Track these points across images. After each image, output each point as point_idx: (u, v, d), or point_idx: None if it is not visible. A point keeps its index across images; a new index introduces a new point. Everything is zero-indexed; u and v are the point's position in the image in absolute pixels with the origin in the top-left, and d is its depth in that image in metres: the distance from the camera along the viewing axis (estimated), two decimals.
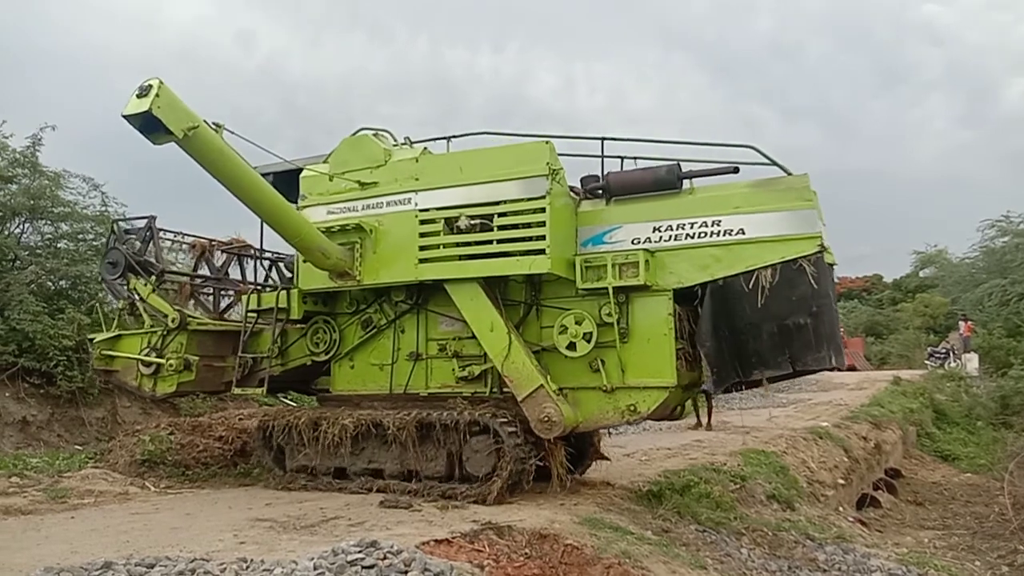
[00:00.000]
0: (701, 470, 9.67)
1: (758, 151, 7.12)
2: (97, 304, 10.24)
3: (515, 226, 7.25)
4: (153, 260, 9.29)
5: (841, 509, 11.67)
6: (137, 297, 9.12)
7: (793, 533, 8.33)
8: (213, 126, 6.55)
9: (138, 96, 6.03)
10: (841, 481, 12.82)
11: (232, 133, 6.73)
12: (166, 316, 8.85)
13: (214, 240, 10.05)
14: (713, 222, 7.00)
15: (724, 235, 6.95)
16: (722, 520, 8.06)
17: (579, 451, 8.41)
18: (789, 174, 7.06)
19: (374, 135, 8.31)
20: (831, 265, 7.04)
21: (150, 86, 6.03)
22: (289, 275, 9.84)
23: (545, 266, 7.07)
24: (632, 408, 7.11)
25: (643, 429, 15.49)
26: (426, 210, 7.62)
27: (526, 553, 5.71)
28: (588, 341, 7.18)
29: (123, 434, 10.40)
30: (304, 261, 7.99)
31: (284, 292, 8.49)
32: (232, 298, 9.97)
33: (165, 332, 8.88)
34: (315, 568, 4.12)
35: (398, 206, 7.78)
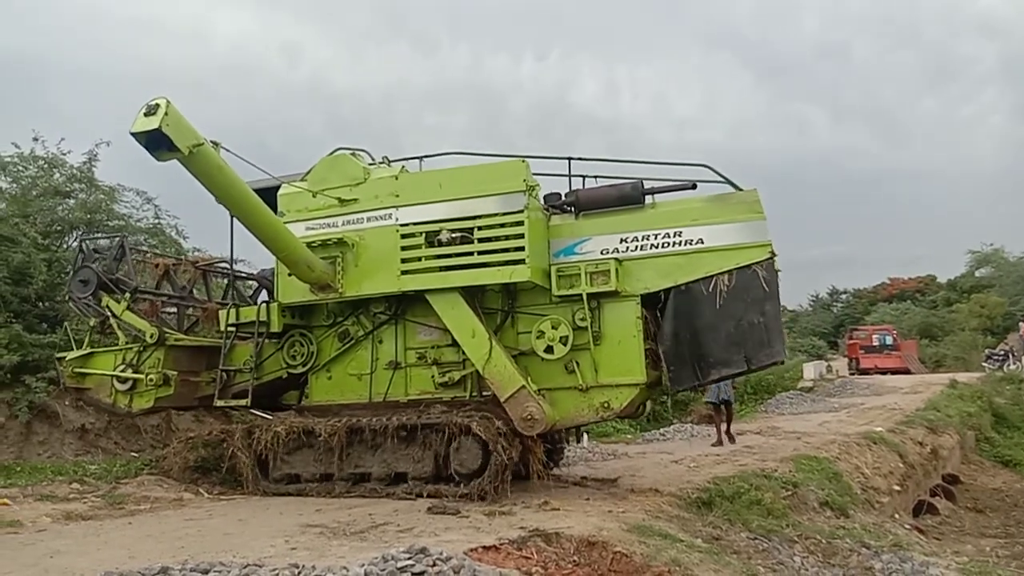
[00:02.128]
0: (751, 476, 9.53)
1: (712, 169, 7.83)
2: (66, 323, 10.26)
3: (494, 238, 7.77)
4: (125, 278, 9.37)
5: (897, 516, 11.39)
6: (110, 314, 9.16)
7: (848, 541, 8.14)
8: (211, 144, 6.81)
9: (145, 114, 6.27)
10: (896, 487, 12.51)
11: (227, 151, 7.05)
12: (143, 332, 8.97)
13: (179, 259, 10.44)
14: (675, 233, 7.72)
15: (685, 244, 7.68)
16: (774, 527, 7.91)
17: (550, 450, 9.17)
18: (740, 190, 7.79)
19: (352, 154, 8.63)
20: (777, 271, 7.70)
21: (157, 105, 6.25)
22: (251, 293, 10.36)
23: (525, 275, 7.58)
24: (606, 405, 7.68)
25: (691, 435, 15.35)
26: (407, 225, 8.05)
27: (574, 560, 5.68)
28: (564, 344, 7.74)
29: (177, 441, 10.60)
30: (289, 275, 8.26)
31: (264, 306, 8.73)
32: (197, 316, 10.07)
33: (142, 348, 9.00)
34: (366, 574, 4.16)
35: (379, 221, 8.19)
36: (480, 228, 7.78)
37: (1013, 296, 46.61)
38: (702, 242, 7.63)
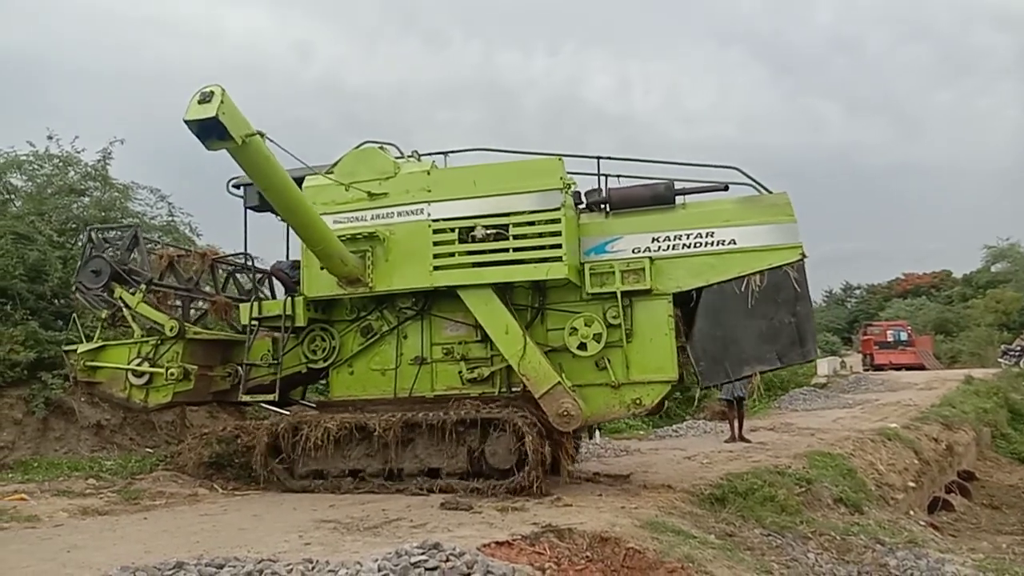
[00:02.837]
0: (765, 473, 9.50)
1: (741, 171, 7.93)
2: (74, 315, 9.85)
3: (530, 235, 7.80)
4: (139, 269, 9.16)
5: (912, 513, 11.33)
6: (124, 306, 8.95)
7: (862, 537, 8.10)
8: (258, 134, 6.68)
9: (199, 102, 6.13)
10: (911, 484, 12.45)
11: (272, 142, 6.89)
12: (162, 325, 8.79)
13: (187, 250, 10.30)
14: (707, 233, 7.84)
15: (717, 245, 7.81)
16: (788, 524, 7.89)
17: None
18: (769, 192, 7.91)
19: (380, 148, 8.52)
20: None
21: (212, 92, 6.12)
22: (249, 287, 10.15)
23: (562, 272, 7.64)
24: (637, 401, 7.81)
25: (704, 432, 15.32)
26: (439, 220, 8.01)
27: (587, 556, 5.67)
28: (598, 342, 7.80)
29: (191, 437, 10.67)
30: (321, 268, 8.12)
31: (289, 300, 8.61)
32: (204, 309, 9.88)
33: (159, 341, 8.82)
34: (379, 569, 4.17)
35: (410, 216, 8.13)
36: (515, 225, 7.81)
37: None
38: (734, 243, 7.77)
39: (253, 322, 8.82)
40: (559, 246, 7.65)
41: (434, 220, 8.01)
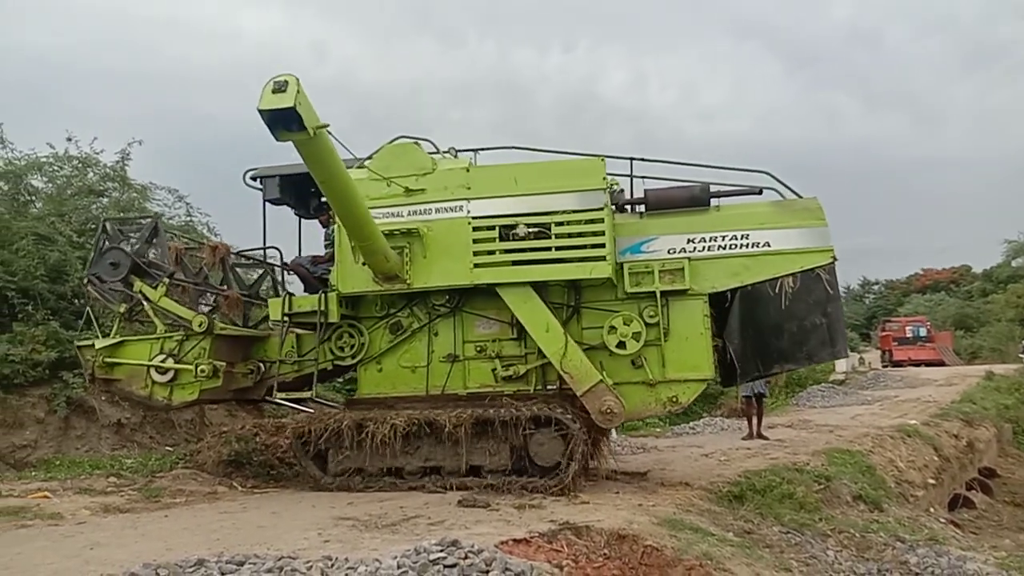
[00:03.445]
0: (783, 470, 9.46)
1: (772, 176, 8.14)
2: (88, 309, 9.44)
3: (572, 235, 7.86)
4: (159, 261, 8.88)
5: (932, 510, 11.23)
6: (144, 300, 8.67)
7: (882, 535, 8.05)
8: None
9: (273, 91, 5.93)
10: (931, 481, 12.34)
11: (330, 135, 6.71)
12: (188, 320, 8.52)
13: (200, 243, 10.11)
14: (742, 236, 7.98)
15: (752, 247, 7.97)
16: (806, 521, 7.85)
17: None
18: (800, 197, 8.14)
19: (415, 143, 8.44)
20: None
21: (286, 82, 5.93)
22: (251, 283, 9.91)
23: (606, 271, 7.76)
24: (674, 399, 7.94)
25: (721, 429, 15.26)
26: (479, 217, 7.99)
27: (605, 553, 5.66)
28: (637, 340, 7.85)
29: (210, 435, 10.77)
30: (363, 264, 8.01)
31: (322, 295, 8.44)
32: (215, 304, 9.46)
33: (184, 337, 8.57)
34: (399, 567, 4.19)
35: (448, 213, 8.06)
36: (557, 224, 7.87)
37: None
38: (768, 245, 7.95)
39: (282, 318, 8.62)
40: (603, 246, 7.77)
41: (474, 217, 8.00)
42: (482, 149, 8.63)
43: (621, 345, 7.88)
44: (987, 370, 25.28)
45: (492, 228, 7.96)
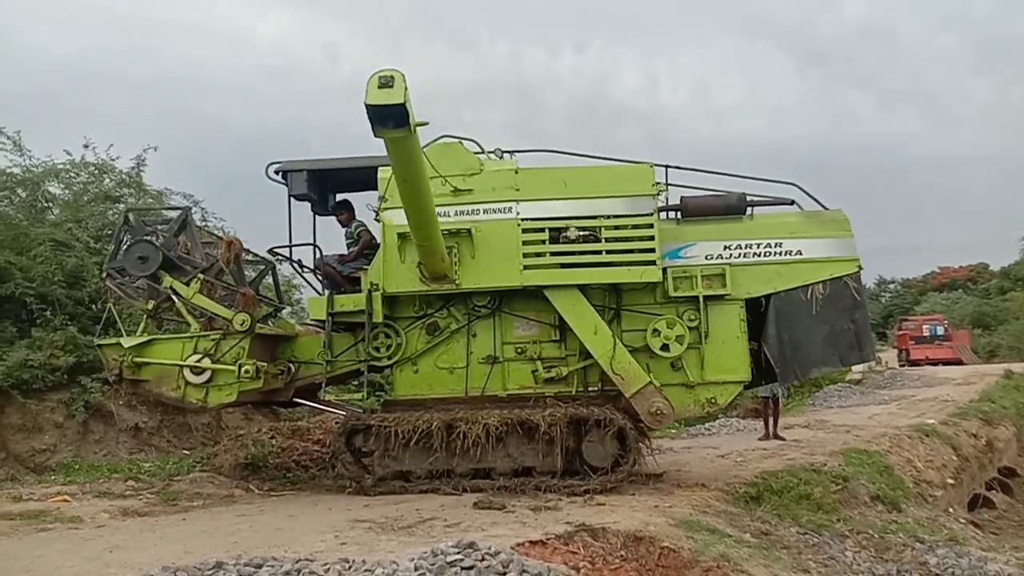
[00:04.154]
0: (800, 471, 9.38)
1: (800, 188, 8.48)
2: (110, 306, 9.00)
3: (622, 239, 8.09)
4: (189, 256, 8.57)
5: (951, 510, 11.12)
6: (175, 297, 8.35)
7: (901, 535, 7.98)
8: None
9: (379, 86, 5.84)
10: (950, 481, 12.23)
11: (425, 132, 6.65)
12: (227, 319, 8.22)
13: (219, 236, 9.87)
14: (775, 244, 8.30)
15: (784, 255, 8.28)
16: (824, 522, 7.79)
17: None
18: (826, 208, 8.48)
19: (459, 142, 8.40)
20: None
21: (392, 77, 5.84)
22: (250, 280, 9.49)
23: (656, 276, 8.00)
24: (712, 400, 8.20)
25: (737, 431, 15.19)
26: (529, 219, 8.09)
27: (622, 555, 5.65)
28: (680, 343, 8.02)
29: (227, 439, 10.85)
30: (420, 264, 7.96)
31: (368, 295, 8.28)
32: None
33: (221, 336, 8.24)
34: (416, 568, 4.20)
35: (497, 214, 8.13)
36: (607, 228, 8.07)
37: None
38: (800, 253, 8.27)
39: (328, 318, 8.40)
40: (652, 250, 8.00)
41: (523, 219, 8.09)
42: (525, 151, 8.68)
43: (665, 348, 8.05)
44: (1006, 369, 25.01)
45: (542, 230, 8.08)
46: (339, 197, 9.38)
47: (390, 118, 5.98)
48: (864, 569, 6.99)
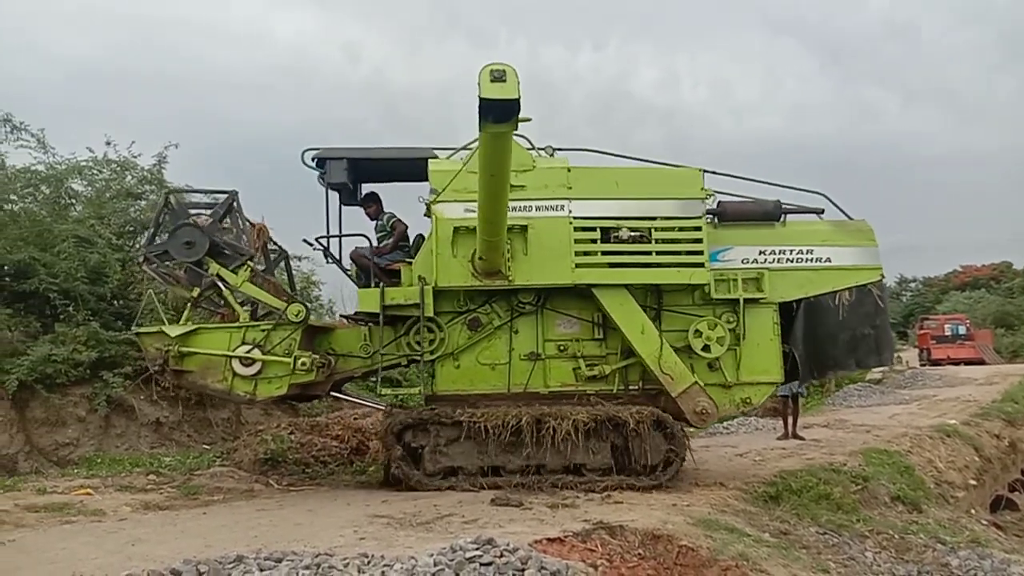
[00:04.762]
0: (819, 470, 9.32)
1: (827, 198, 8.87)
2: (151, 291, 8.75)
3: (672, 240, 8.25)
4: (234, 242, 8.33)
5: (973, 512, 11.02)
6: (223, 285, 8.14)
7: (922, 536, 7.92)
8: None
9: (492, 80, 5.72)
10: (972, 482, 12.10)
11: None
12: (280, 309, 8.03)
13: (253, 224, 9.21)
14: (807, 251, 8.60)
15: (815, 262, 8.59)
16: (844, 522, 7.74)
17: None
18: (851, 219, 8.85)
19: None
20: None
21: (503, 71, 5.72)
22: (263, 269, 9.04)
23: (705, 277, 8.20)
24: (747, 400, 8.48)
25: (755, 429, 15.10)
26: (581, 218, 8.16)
27: (639, 553, 5.64)
28: (721, 344, 8.24)
29: (246, 434, 10.94)
30: (479, 257, 7.86)
31: (420, 288, 8.12)
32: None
33: (272, 327, 8.01)
34: (435, 564, 4.21)
35: (549, 211, 8.17)
36: (658, 229, 8.21)
37: None
38: (830, 261, 8.59)
39: (381, 311, 8.17)
40: (701, 252, 8.20)
41: (575, 217, 8.15)
42: (575, 150, 8.67)
43: (706, 349, 8.23)
44: None
45: (593, 229, 8.15)
46: (365, 189, 9.28)
47: (501, 112, 5.89)
48: (884, 570, 6.94)
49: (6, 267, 11.48)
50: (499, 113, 5.88)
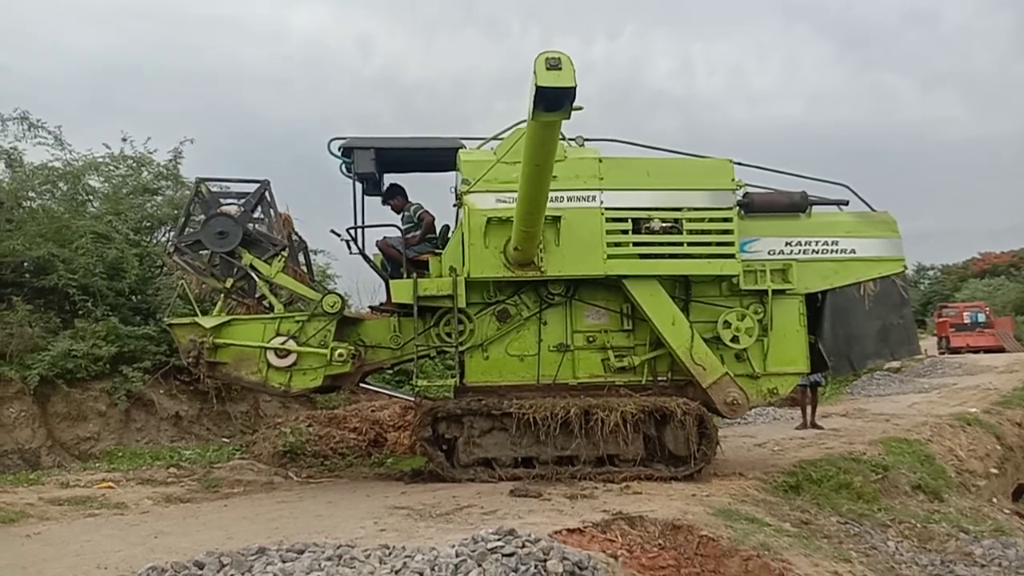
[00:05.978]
0: (839, 460, 9.28)
1: (850, 189, 8.82)
2: (183, 282, 8.65)
3: (703, 231, 8.18)
4: (268, 232, 8.24)
5: (995, 500, 10.91)
6: (256, 276, 8.05)
7: (944, 525, 7.87)
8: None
9: (548, 68, 5.64)
10: (994, 471, 11.99)
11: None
12: (315, 301, 7.96)
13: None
14: (832, 242, 8.60)
15: (840, 253, 8.60)
16: (865, 512, 7.71)
17: None
18: (874, 211, 8.86)
19: None
20: None
21: (559, 59, 5.64)
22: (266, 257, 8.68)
23: (736, 269, 8.14)
24: (774, 391, 8.49)
25: (773, 419, 15.04)
26: (612, 209, 8.08)
27: (659, 544, 5.63)
28: (750, 336, 8.25)
29: (265, 427, 11.00)
30: (516, 249, 7.76)
31: (452, 279, 8.06)
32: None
33: (307, 319, 7.93)
34: (457, 555, 4.21)
35: (581, 202, 8.09)
36: (689, 220, 8.15)
37: None
38: (854, 252, 8.61)
39: (414, 301, 8.06)
40: (731, 243, 8.14)
41: (607, 208, 8.07)
42: (604, 140, 8.58)
43: (735, 339, 8.22)
44: None
45: (625, 220, 8.08)
46: (387, 180, 9.16)
47: (555, 100, 5.81)
48: (907, 559, 6.90)
49: (26, 263, 11.58)
50: (552, 101, 5.80)
